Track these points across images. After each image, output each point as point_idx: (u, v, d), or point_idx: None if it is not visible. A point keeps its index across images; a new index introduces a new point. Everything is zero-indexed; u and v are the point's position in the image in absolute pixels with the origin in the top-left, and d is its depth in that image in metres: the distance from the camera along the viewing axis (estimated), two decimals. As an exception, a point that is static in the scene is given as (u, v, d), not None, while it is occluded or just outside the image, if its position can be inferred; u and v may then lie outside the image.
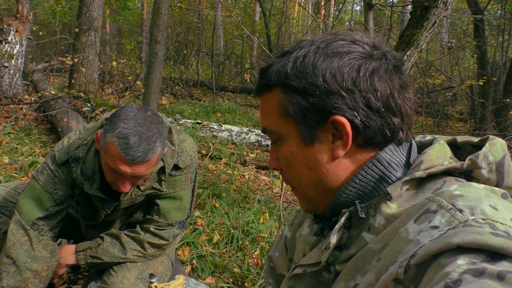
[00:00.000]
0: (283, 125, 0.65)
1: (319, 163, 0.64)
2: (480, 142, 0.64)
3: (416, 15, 1.94)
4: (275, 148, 0.70)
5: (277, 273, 0.93)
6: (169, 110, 7.03)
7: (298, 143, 0.64)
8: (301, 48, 0.64)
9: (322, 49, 0.62)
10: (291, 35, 13.85)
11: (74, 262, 1.51)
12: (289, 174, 0.69)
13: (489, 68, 6.72)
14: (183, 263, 2.23)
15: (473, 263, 0.42)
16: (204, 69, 13.34)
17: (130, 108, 1.27)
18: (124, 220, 1.63)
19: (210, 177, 3.74)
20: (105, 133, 1.24)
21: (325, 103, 0.60)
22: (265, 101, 0.68)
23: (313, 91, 0.60)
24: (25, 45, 6.21)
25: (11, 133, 4.50)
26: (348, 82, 0.59)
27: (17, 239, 1.37)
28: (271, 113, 0.67)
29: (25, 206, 1.40)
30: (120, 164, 1.22)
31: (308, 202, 0.71)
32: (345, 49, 0.61)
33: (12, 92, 5.96)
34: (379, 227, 0.59)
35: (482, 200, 0.50)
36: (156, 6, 3.82)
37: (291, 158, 0.66)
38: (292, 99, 0.62)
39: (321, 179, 0.65)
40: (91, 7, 6.80)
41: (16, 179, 3.19)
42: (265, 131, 0.69)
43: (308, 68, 0.61)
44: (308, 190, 0.68)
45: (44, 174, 1.43)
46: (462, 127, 7.95)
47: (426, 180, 0.60)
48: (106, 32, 15.96)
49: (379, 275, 0.53)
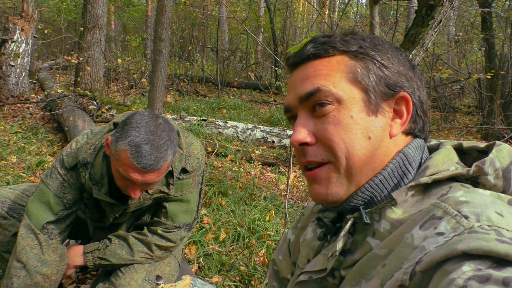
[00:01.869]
0: (347, 89, 0.63)
1: (380, 134, 0.63)
2: (487, 147, 0.63)
3: (421, 14, 1.91)
4: (307, 121, 0.65)
5: (281, 276, 0.93)
6: (175, 108, 7.05)
7: (361, 110, 0.63)
8: (359, 37, 0.68)
9: (382, 42, 0.68)
10: (296, 29, 13.78)
11: (82, 263, 1.53)
12: (338, 142, 0.62)
13: (497, 61, 6.65)
14: (190, 262, 2.24)
15: (479, 270, 0.42)
16: (209, 65, 13.33)
17: (141, 116, 1.27)
18: (132, 222, 1.63)
19: (216, 174, 3.75)
20: (116, 141, 1.24)
21: (397, 79, 0.65)
22: (322, 64, 0.64)
23: (388, 65, 0.65)
24: (30, 43, 6.24)
25: (19, 133, 4.54)
26: (410, 72, 0.67)
27: (27, 243, 1.38)
28: (332, 75, 0.63)
29: (34, 210, 1.41)
30: (132, 172, 1.23)
31: (346, 182, 0.63)
32: (399, 50, 0.69)
33: (18, 91, 6.01)
34: (384, 232, 0.59)
35: (488, 207, 0.49)
36: (160, 4, 3.81)
37: (349, 123, 0.62)
38: (368, 66, 0.64)
39: (374, 154, 0.62)
40: (96, 5, 6.81)
41: (24, 179, 3.21)
42: (314, 92, 0.63)
43: (382, 46, 0.66)
44: (357, 162, 0.62)
45: (53, 178, 1.43)
46: (470, 120, 7.88)
47: (432, 185, 0.60)
48: (111, 29, 15.98)
49: (384, 281, 0.53)
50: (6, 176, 3.18)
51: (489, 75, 5.67)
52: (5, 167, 3.40)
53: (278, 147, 5.18)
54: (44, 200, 1.41)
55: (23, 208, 1.57)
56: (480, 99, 7.46)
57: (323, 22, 10.14)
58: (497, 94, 6.28)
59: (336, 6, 15.03)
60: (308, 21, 14.47)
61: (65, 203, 1.43)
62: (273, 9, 11.41)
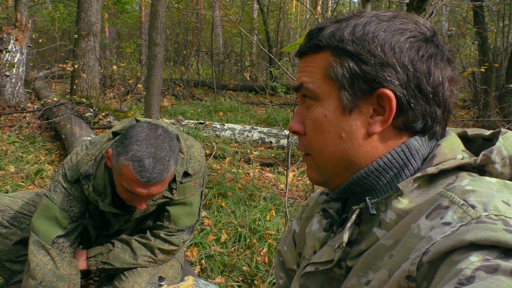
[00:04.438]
0: (324, 86, 0.63)
1: (352, 134, 0.62)
2: (492, 135, 0.63)
3: (413, 6, 1.93)
4: (303, 110, 0.68)
5: (287, 267, 0.93)
6: (171, 112, 7.05)
7: (336, 108, 0.62)
8: (361, 17, 0.63)
9: (384, 22, 0.61)
10: (290, 30, 13.80)
11: (86, 268, 1.53)
12: (313, 138, 0.66)
13: (491, 54, 6.67)
14: (192, 264, 2.24)
15: (487, 260, 0.42)
16: (205, 68, 13.34)
17: (140, 128, 1.26)
18: (134, 227, 1.64)
19: (215, 176, 3.76)
20: (117, 155, 1.23)
21: (378, 74, 0.59)
22: (310, 61, 0.66)
23: (368, 59, 0.59)
24: (25, 53, 6.23)
25: (16, 142, 4.53)
26: (406, 58, 0.59)
27: (39, 260, 1.37)
28: (314, 72, 0.64)
29: (41, 226, 1.40)
30: (136, 186, 1.23)
31: (320, 173, 0.69)
32: (408, 27, 0.61)
33: (15, 101, 6.00)
34: (390, 223, 0.59)
35: (494, 196, 0.49)
36: (153, 9, 3.82)
37: (323, 122, 0.64)
38: (343, 62, 0.61)
39: (349, 152, 0.63)
40: (89, 12, 6.81)
41: (23, 188, 3.21)
42: (299, 87, 0.66)
43: (367, 36, 0.60)
44: (329, 160, 0.65)
45: (57, 192, 1.43)
46: (466, 114, 7.91)
47: (438, 175, 0.59)
48: (105, 36, 15.98)
49: (392, 272, 0.53)
50: (5, 185, 3.18)
51: (483, 69, 5.69)
52: (3, 177, 3.40)
53: (276, 147, 5.19)
54: (50, 215, 1.40)
55: (23, 217, 1.57)
56: (475, 93, 7.48)
57: (316, 21, 10.17)
58: (492, 87, 6.30)
59: (328, 6, 15.06)
60: (302, 21, 14.51)
61: (72, 216, 1.43)
62: (266, 10, 11.44)
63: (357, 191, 0.67)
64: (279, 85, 6.87)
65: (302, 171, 4.20)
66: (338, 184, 0.68)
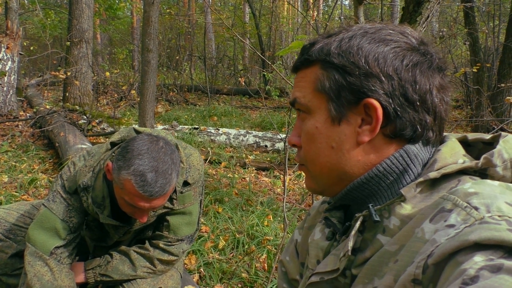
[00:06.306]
0: (314, 99, 0.66)
1: (342, 144, 0.64)
2: (492, 139, 0.63)
3: (409, 10, 1.93)
4: (299, 124, 0.71)
5: (290, 277, 0.93)
6: (165, 117, 7.02)
7: (325, 120, 0.65)
8: (349, 31, 0.65)
9: (370, 34, 0.63)
10: (282, 34, 13.85)
11: (84, 280, 1.50)
12: (307, 150, 0.68)
13: (482, 54, 6.74)
14: (191, 272, 2.22)
15: (491, 260, 0.42)
16: (198, 73, 13.33)
17: (141, 141, 1.24)
18: (133, 238, 1.62)
19: (211, 182, 3.74)
20: (119, 169, 1.21)
21: (362, 84, 0.60)
22: (302, 76, 0.68)
23: (353, 71, 0.61)
24: (17, 61, 6.18)
25: (9, 151, 4.48)
26: (389, 68, 0.60)
27: (37, 271, 1.34)
28: (305, 86, 0.67)
29: (39, 236, 1.37)
30: (138, 200, 1.21)
31: (316, 182, 0.71)
32: (393, 38, 0.62)
33: (7, 109, 5.94)
34: (394, 229, 0.59)
35: (497, 197, 0.49)
36: (146, 15, 3.81)
37: (314, 134, 0.66)
38: (330, 75, 0.63)
39: (340, 162, 0.65)
40: (81, 19, 6.78)
41: (17, 198, 3.17)
42: (294, 102, 0.69)
43: (352, 48, 0.62)
44: (322, 170, 0.67)
45: (57, 203, 1.40)
46: (459, 114, 7.96)
47: (440, 179, 0.59)
48: (98, 43, 15.92)
49: (397, 277, 0.53)
50: (-2, 196, 3.13)
51: (475, 69, 5.73)
52: (-3, 187, 3.35)
53: (271, 151, 5.18)
54: (49, 226, 1.38)
55: (19, 229, 1.54)
56: (467, 93, 7.54)
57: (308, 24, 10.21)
58: (484, 87, 6.36)
59: (320, 9, 15.14)
60: (294, 24, 14.56)
61: (71, 227, 1.40)
62: (258, 14, 11.47)
63: (358, 197, 0.67)
64: (272, 88, 6.88)
65: (298, 175, 4.19)
66: (336, 192, 0.69)
